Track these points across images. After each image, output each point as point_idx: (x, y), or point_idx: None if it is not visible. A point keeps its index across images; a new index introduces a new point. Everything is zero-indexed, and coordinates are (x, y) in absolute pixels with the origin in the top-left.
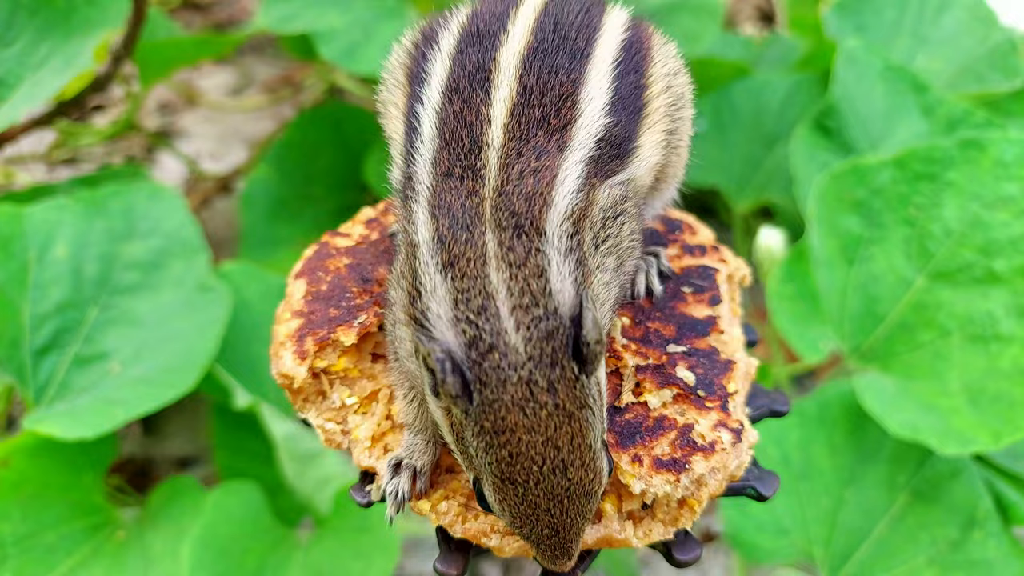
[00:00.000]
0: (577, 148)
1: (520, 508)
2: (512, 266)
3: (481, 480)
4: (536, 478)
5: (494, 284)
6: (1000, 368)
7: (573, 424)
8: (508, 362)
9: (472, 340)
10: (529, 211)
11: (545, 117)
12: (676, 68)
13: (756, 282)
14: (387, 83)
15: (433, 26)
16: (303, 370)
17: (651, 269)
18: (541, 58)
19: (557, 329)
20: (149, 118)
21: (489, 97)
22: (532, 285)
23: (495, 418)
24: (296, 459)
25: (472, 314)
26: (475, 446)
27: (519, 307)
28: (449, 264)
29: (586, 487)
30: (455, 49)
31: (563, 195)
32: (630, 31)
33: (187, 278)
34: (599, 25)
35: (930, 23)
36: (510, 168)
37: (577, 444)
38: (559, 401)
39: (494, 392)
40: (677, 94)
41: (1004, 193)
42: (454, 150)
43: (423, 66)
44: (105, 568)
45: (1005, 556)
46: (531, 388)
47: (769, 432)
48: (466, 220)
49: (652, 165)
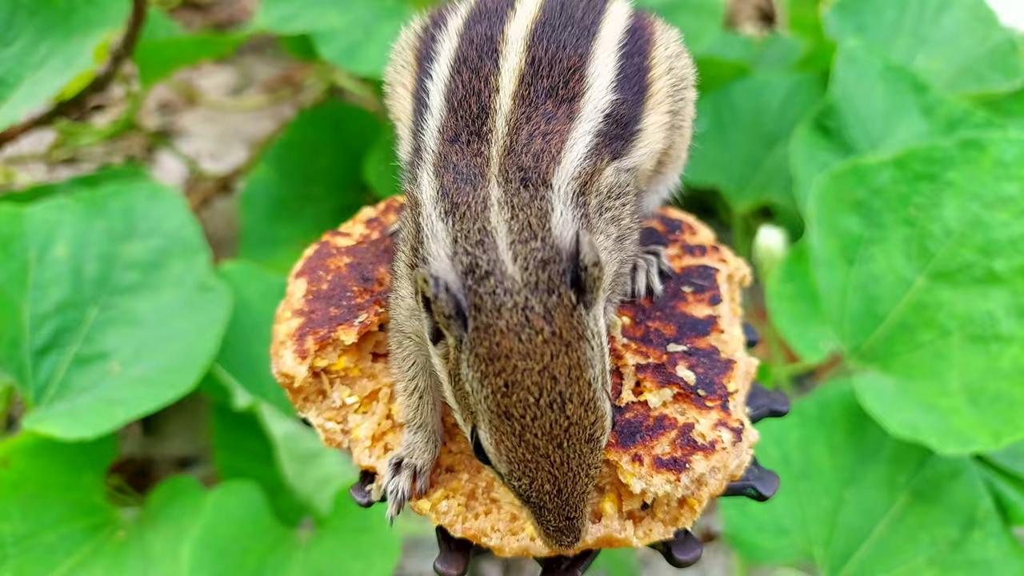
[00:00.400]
0: (586, 119)
1: (518, 451)
2: (514, 208)
3: (478, 426)
4: (533, 412)
5: (493, 224)
6: (1000, 368)
7: (571, 354)
8: (504, 288)
9: (469, 268)
10: (537, 166)
11: (554, 87)
12: (678, 51)
13: (756, 282)
14: (395, 64)
15: (442, 11)
16: (303, 369)
17: (651, 268)
18: (549, 32)
19: (554, 259)
20: (149, 118)
21: (497, 67)
22: (532, 223)
23: (490, 343)
24: (296, 459)
25: (470, 247)
26: (470, 379)
27: (518, 241)
28: (450, 211)
29: (586, 429)
30: (463, 27)
31: (572, 158)
32: (633, 18)
33: (187, 278)
34: (604, 9)
35: (930, 23)
36: (519, 131)
37: (575, 377)
38: (555, 328)
39: (489, 316)
40: (679, 76)
41: (1004, 193)
42: (462, 117)
43: (432, 46)
44: (105, 568)
45: (1005, 556)
46: (527, 314)
47: (769, 432)
48: (470, 176)
49: (656, 148)
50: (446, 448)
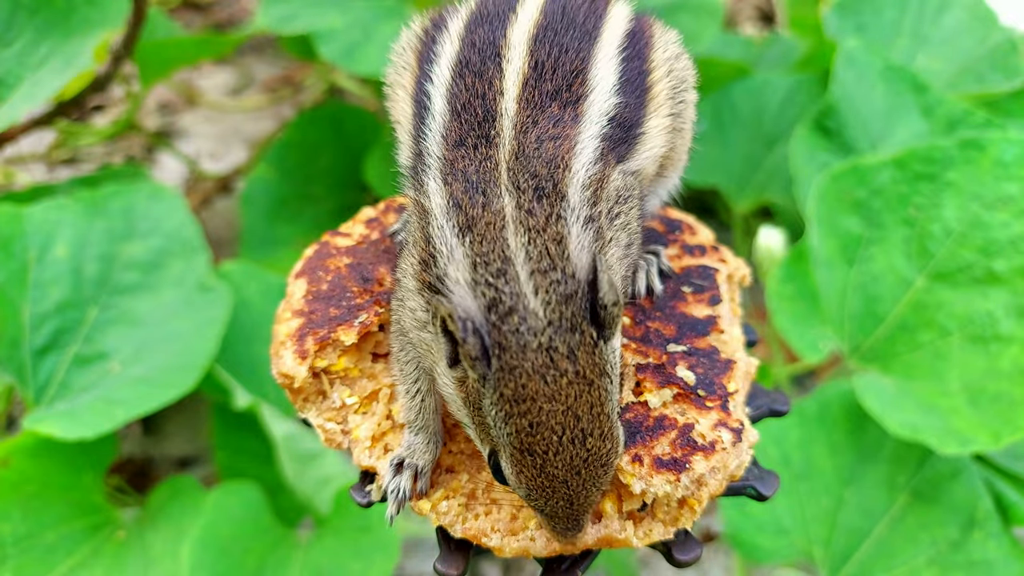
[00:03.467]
0: (591, 122)
1: (537, 480)
2: (531, 231)
3: (498, 452)
4: (556, 448)
5: (512, 248)
6: (1000, 368)
7: (593, 392)
8: (528, 327)
9: (492, 303)
10: (551, 174)
11: (558, 90)
12: (677, 52)
13: (756, 282)
14: (395, 65)
15: (442, 12)
16: (303, 370)
17: (651, 268)
18: (551, 35)
19: (575, 293)
20: (149, 118)
21: (501, 70)
22: (551, 249)
23: (516, 385)
24: (296, 459)
25: (491, 277)
26: (494, 415)
27: (538, 271)
28: (467, 227)
29: (603, 458)
30: (464, 30)
31: (583, 163)
32: (633, 22)
33: (187, 278)
34: (604, 13)
35: (930, 23)
36: (527, 134)
37: (596, 413)
38: (579, 368)
39: (515, 358)
40: (679, 78)
41: (1004, 193)
42: (466, 121)
43: (432, 48)
44: (105, 568)
45: (1005, 556)
46: (551, 355)
47: (769, 432)
48: (482, 184)
49: (659, 152)
50: (446, 448)
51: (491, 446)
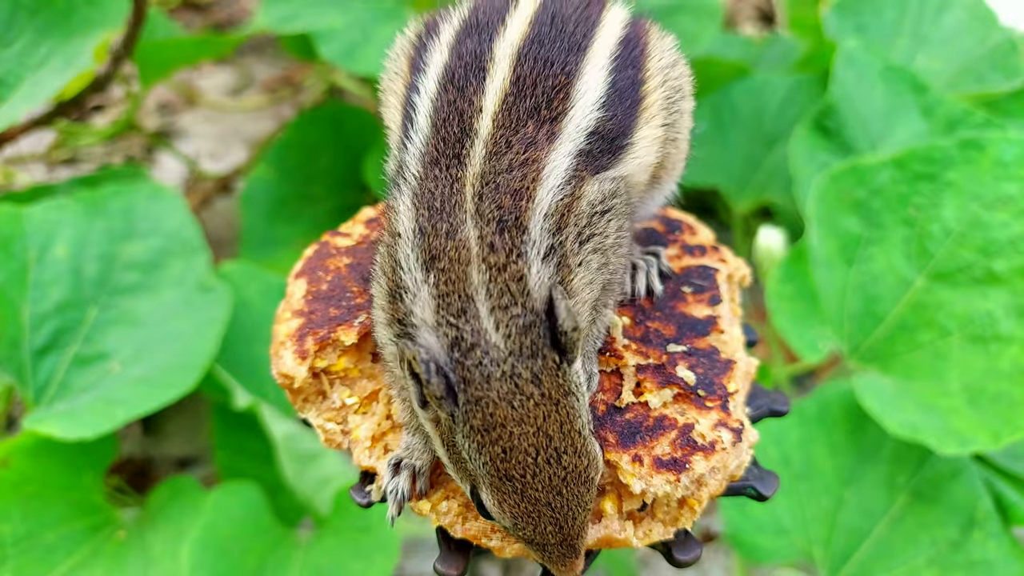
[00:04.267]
0: (567, 140)
1: (520, 506)
2: (492, 268)
3: (478, 487)
4: (532, 471)
5: (475, 285)
6: (1000, 368)
7: (561, 411)
8: (490, 358)
9: (454, 341)
10: (515, 206)
11: (536, 107)
12: (673, 60)
13: (756, 282)
14: (389, 72)
15: (436, 18)
16: (303, 370)
17: (651, 269)
18: (537, 49)
19: (534, 323)
20: (149, 118)
21: (483, 87)
22: (511, 287)
23: (484, 415)
24: (296, 459)
25: (452, 317)
26: (467, 448)
27: (498, 307)
28: (431, 260)
29: (581, 474)
30: (454, 40)
31: (548, 190)
32: (628, 28)
33: (187, 278)
34: (598, 20)
35: (930, 23)
36: (498, 158)
37: (567, 431)
38: (544, 390)
39: (479, 389)
40: (674, 87)
41: (1003, 193)
42: (444, 139)
43: (423, 56)
44: (105, 568)
45: (1005, 556)
46: (515, 381)
47: (769, 432)
48: (447, 210)
49: (648, 161)
50: None
51: (471, 482)
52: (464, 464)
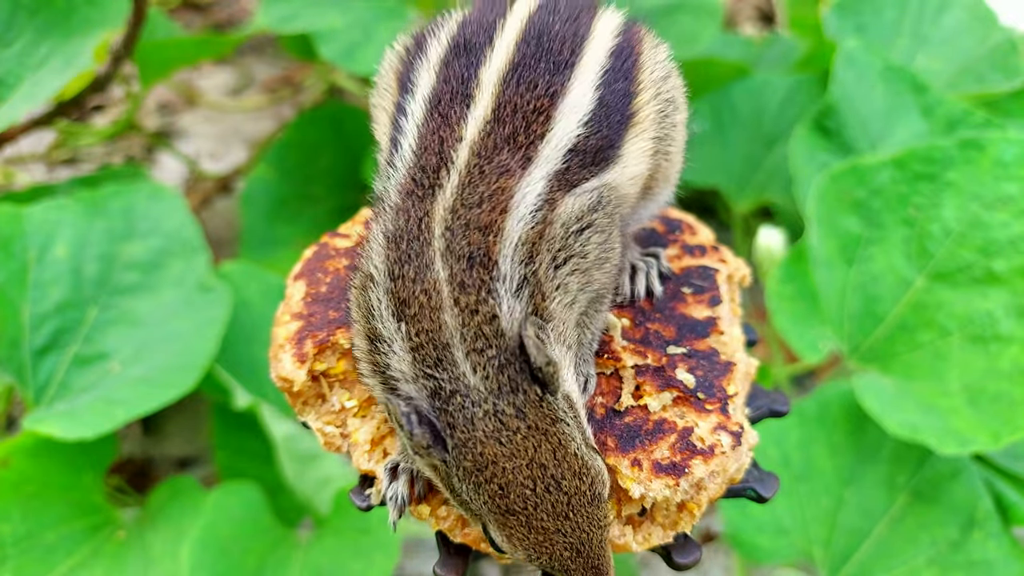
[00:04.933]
0: (542, 163)
1: (530, 538)
2: (464, 311)
3: (486, 524)
4: (534, 502)
5: (449, 330)
6: (1000, 368)
7: (551, 439)
8: (471, 400)
9: (434, 391)
10: (483, 241)
11: (514, 134)
12: (667, 72)
13: (756, 282)
14: (379, 88)
15: (424, 33)
16: (302, 373)
17: (651, 270)
18: (520, 72)
19: (510, 361)
20: (149, 118)
21: (466, 115)
22: (484, 331)
23: (474, 456)
24: (296, 459)
25: (429, 368)
26: (465, 490)
27: (473, 351)
28: (401, 307)
29: (586, 494)
30: (442, 61)
31: (517, 220)
32: (621, 37)
33: (187, 278)
34: (587, 33)
35: (930, 23)
36: (471, 189)
37: (562, 456)
38: (531, 422)
39: (465, 431)
40: (667, 99)
41: (1003, 193)
42: (423, 167)
43: (410, 75)
44: (105, 568)
45: (1005, 556)
46: (499, 418)
47: (769, 432)
48: (415, 251)
49: (637, 173)
50: None
51: (479, 521)
52: (467, 504)
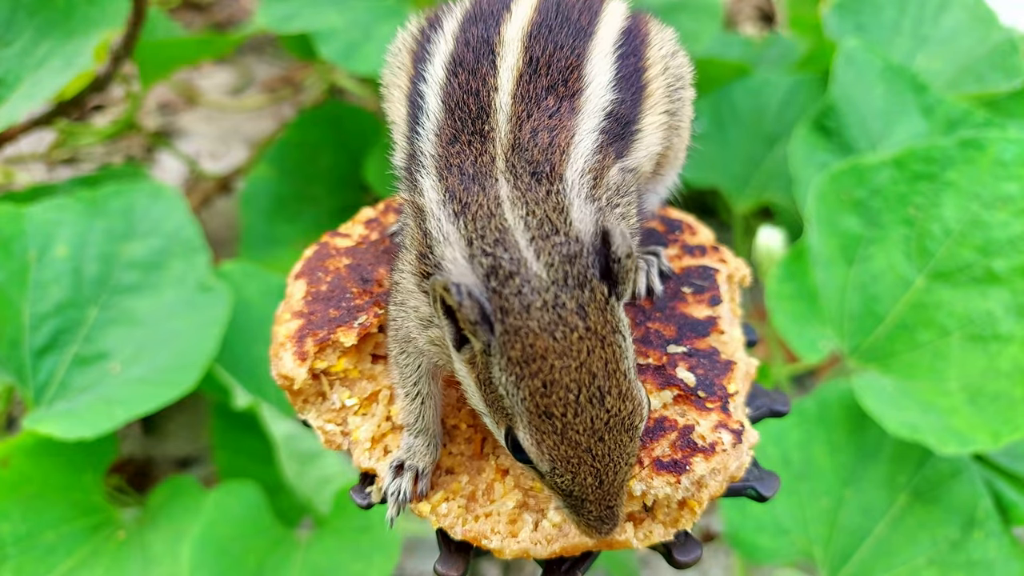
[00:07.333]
0: (589, 116)
1: (560, 448)
2: (529, 204)
3: (515, 426)
4: (574, 409)
5: (510, 221)
6: (999, 368)
7: (607, 349)
8: (531, 287)
9: (490, 270)
10: (548, 159)
11: (553, 85)
12: (673, 49)
13: (756, 282)
14: (391, 66)
15: (438, 12)
16: (303, 371)
17: (651, 269)
18: (546, 32)
19: (580, 252)
20: (149, 118)
21: (495, 67)
22: (552, 217)
23: (523, 345)
24: (296, 459)
25: (488, 247)
26: (504, 382)
27: (538, 237)
28: (460, 212)
29: (625, 420)
30: (459, 29)
31: (581, 153)
32: (628, 20)
33: (187, 278)
34: (600, 11)
35: (930, 23)
36: (522, 127)
37: (612, 371)
38: (590, 324)
39: (518, 318)
40: (675, 75)
41: (1003, 193)
42: (460, 118)
43: (427, 47)
44: (105, 568)
45: (1005, 556)
46: (558, 311)
47: (769, 432)
48: (478, 175)
49: (655, 150)
50: (446, 450)
51: (507, 424)
52: (500, 401)
